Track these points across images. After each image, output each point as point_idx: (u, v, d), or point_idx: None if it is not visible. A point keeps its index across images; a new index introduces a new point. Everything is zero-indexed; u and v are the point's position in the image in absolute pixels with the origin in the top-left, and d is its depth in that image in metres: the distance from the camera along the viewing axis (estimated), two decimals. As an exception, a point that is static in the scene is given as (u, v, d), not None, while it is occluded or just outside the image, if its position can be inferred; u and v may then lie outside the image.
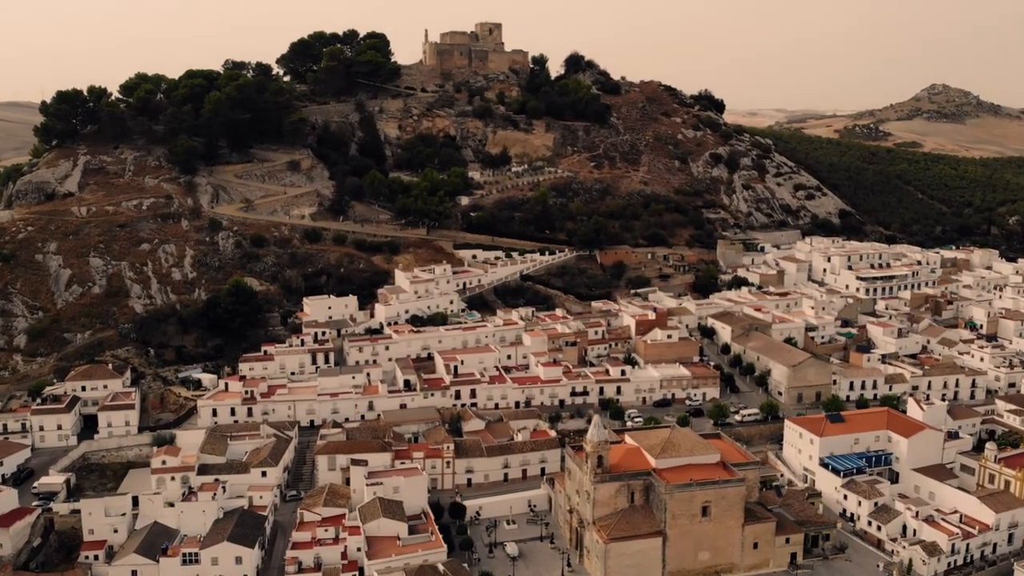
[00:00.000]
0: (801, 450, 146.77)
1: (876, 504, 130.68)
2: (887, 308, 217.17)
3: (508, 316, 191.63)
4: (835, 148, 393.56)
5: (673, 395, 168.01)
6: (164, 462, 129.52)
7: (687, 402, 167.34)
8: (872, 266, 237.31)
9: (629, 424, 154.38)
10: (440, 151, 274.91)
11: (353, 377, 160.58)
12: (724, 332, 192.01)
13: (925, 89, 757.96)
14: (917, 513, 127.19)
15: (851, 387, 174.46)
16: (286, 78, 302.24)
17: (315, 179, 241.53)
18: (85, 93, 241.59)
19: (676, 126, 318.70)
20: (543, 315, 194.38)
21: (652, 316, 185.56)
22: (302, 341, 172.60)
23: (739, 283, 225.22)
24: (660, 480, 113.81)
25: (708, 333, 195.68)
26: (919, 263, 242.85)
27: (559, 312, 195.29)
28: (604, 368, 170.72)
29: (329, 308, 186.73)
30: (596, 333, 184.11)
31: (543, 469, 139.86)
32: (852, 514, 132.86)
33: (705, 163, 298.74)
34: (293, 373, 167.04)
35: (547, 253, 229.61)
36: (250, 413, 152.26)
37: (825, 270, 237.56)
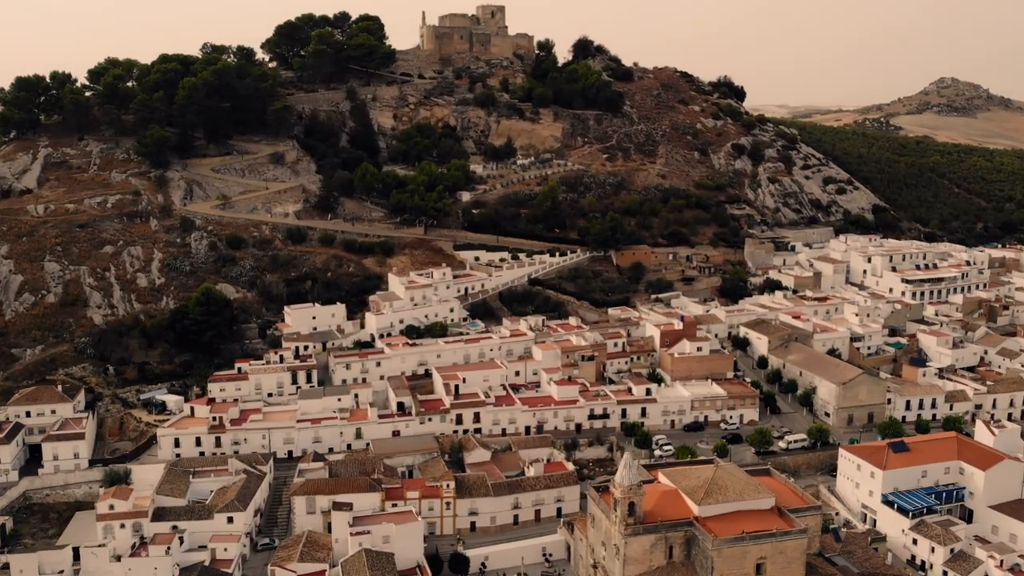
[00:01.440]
0: (859, 484, 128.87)
1: (952, 551, 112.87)
2: (937, 314, 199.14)
3: (515, 326, 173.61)
4: (862, 140, 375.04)
5: (706, 417, 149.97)
6: (112, 507, 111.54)
7: (723, 425, 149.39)
8: (917, 267, 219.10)
9: (658, 453, 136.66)
10: (439, 142, 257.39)
11: (339, 399, 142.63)
12: (759, 343, 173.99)
13: (933, 83, 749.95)
14: (1002, 562, 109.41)
15: (907, 407, 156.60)
16: (272, 64, 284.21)
17: (301, 173, 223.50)
18: (48, 80, 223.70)
19: (695, 115, 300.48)
20: (555, 324, 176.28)
21: (679, 326, 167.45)
22: (281, 357, 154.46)
23: (772, 287, 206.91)
24: (705, 532, 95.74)
25: (741, 344, 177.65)
26: (968, 263, 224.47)
27: (572, 321, 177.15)
28: (626, 386, 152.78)
29: (313, 318, 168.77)
30: (615, 345, 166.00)
31: (559, 509, 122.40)
32: (923, 562, 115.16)
33: (727, 154, 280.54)
34: (270, 394, 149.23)
35: (557, 254, 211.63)
36: (218, 443, 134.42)
37: (865, 272, 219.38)
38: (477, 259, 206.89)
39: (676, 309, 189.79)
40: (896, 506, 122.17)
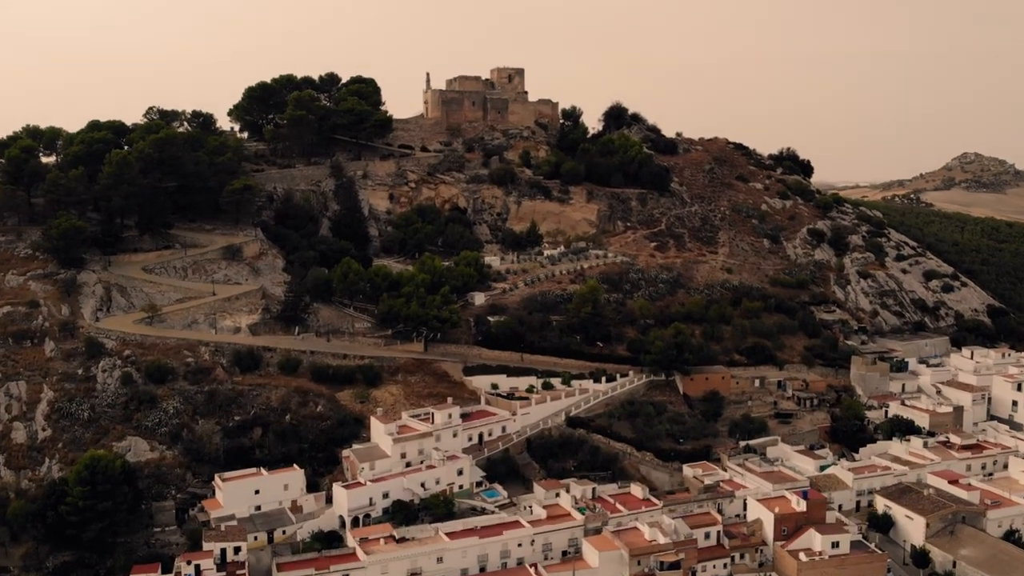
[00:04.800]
0: None
1: None
2: None
3: (553, 498, 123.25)
4: (949, 222, 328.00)
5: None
6: None
7: None
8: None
9: None
10: (445, 228, 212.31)
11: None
12: (911, 526, 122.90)
13: (956, 158, 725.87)
14: None
15: None
16: (242, 134, 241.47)
17: (263, 271, 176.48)
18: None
19: (757, 194, 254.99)
20: (611, 496, 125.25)
21: (799, 504, 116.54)
22: (197, 568, 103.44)
23: (902, 428, 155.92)
24: None
25: (880, 524, 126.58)
26: None
27: (636, 491, 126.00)
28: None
29: (257, 492, 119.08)
30: (707, 537, 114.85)
31: None
32: None
33: (803, 242, 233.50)
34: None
35: (604, 379, 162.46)
36: None
37: (1016, 403, 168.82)
38: (495, 387, 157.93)
39: (778, 466, 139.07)
40: None
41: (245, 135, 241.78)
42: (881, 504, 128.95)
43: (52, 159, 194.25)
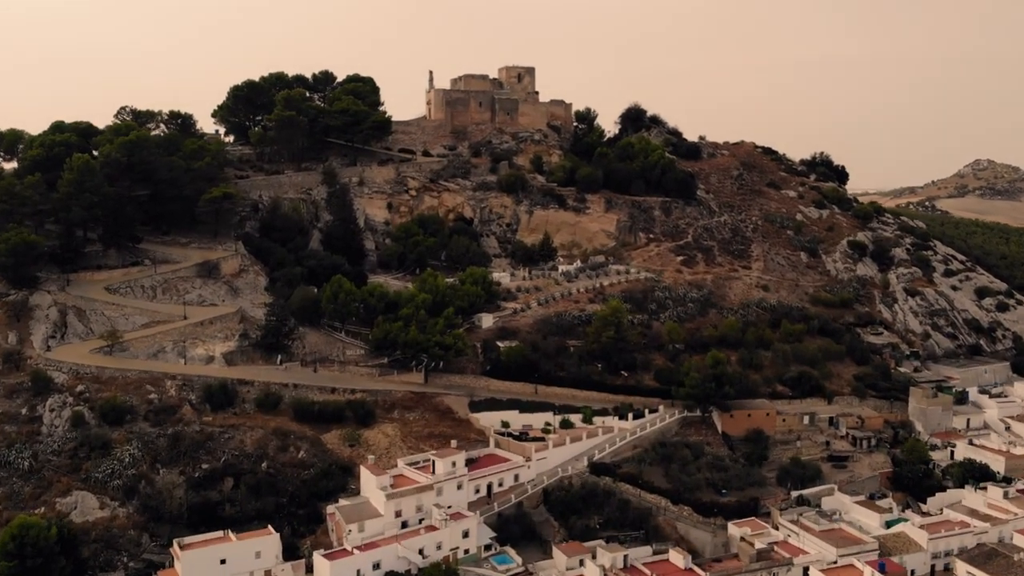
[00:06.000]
0: None
1: None
2: None
3: (576, 569, 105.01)
4: (991, 232, 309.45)
5: None
6: None
7: None
8: None
9: None
10: (449, 241, 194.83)
11: None
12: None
13: (969, 165, 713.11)
14: None
15: None
16: (228, 138, 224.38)
17: (242, 291, 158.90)
18: None
19: (791, 202, 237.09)
20: (646, 565, 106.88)
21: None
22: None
23: (975, 472, 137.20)
24: None
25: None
26: None
27: (676, 558, 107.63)
28: None
29: (223, 562, 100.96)
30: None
31: None
32: None
33: (844, 256, 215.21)
34: None
35: (630, 415, 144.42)
36: None
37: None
38: (505, 426, 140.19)
39: (837, 521, 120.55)
40: None
41: (231, 139, 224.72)
42: (963, 571, 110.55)
43: (13, 165, 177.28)
